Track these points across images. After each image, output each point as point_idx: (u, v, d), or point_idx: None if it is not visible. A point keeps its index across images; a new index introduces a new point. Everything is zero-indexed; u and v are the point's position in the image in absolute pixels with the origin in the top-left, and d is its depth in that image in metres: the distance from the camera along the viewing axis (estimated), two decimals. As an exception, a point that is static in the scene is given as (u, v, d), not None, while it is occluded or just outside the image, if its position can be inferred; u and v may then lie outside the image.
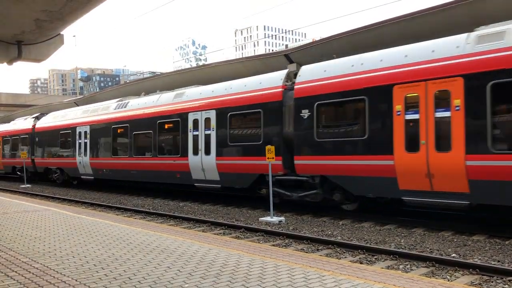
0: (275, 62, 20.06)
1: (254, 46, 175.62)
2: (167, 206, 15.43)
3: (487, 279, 6.54)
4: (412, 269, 7.17)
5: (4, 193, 20.14)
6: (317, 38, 27.01)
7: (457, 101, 9.22)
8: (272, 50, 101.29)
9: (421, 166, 9.65)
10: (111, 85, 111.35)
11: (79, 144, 22.12)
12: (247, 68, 21.28)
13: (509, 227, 9.78)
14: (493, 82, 8.76)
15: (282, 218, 11.74)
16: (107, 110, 20.76)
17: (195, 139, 15.38)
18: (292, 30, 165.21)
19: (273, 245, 9.03)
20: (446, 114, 9.38)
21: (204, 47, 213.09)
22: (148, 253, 6.67)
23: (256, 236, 10.08)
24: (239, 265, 5.94)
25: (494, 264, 7.08)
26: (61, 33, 11.21)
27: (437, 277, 6.71)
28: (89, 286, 5.00)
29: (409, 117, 9.91)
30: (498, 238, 9.00)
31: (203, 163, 14.98)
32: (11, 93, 54.33)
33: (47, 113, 28.25)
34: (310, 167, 11.93)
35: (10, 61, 11.52)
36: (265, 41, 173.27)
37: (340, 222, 11.40)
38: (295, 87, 12.42)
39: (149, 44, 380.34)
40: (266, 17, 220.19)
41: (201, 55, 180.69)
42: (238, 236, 10.13)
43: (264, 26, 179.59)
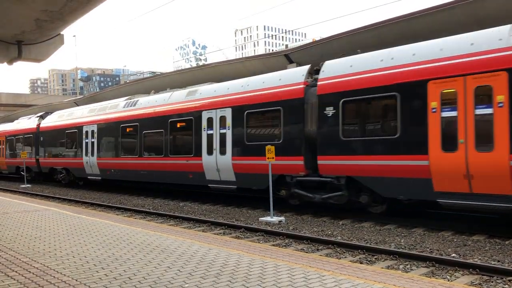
0: (275, 62, 20.10)
1: (254, 46, 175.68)
2: (167, 206, 15.44)
3: (487, 279, 6.55)
4: (412, 269, 7.18)
5: (4, 193, 20.14)
6: (317, 38, 26.98)
7: (501, 97, 8.61)
8: (272, 50, 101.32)
9: (459, 167, 9.09)
10: (111, 85, 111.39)
11: (86, 144, 21.56)
12: (247, 68, 21.31)
13: (509, 227, 9.78)
14: None
15: (282, 218, 11.74)
16: (116, 109, 20.18)
17: (210, 138, 14.93)
18: (292, 30, 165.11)
19: (273, 245, 9.03)
20: (488, 111, 8.79)
21: (204, 47, 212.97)
22: (148, 253, 6.68)
23: (256, 236, 10.09)
24: (239, 265, 5.95)
25: (494, 264, 7.09)
26: (61, 33, 11.24)
27: (437, 277, 6.71)
28: (89, 286, 5.01)
29: (446, 115, 9.34)
30: (498, 238, 9.00)
31: (218, 163, 14.55)
32: (11, 93, 54.34)
33: (52, 112, 27.77)
34: (335, 168, 11.43)
35: (10, 61, 11.54)
36: (265, 41, 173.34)
37: (340, 222, 11.41)
38: (318, 84, 11.84)
39: (149, 44, 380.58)
40: (266, 17, 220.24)
41: (201, 55, 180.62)
42: (238, 236, 10.14)
43: (264, 26, 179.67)
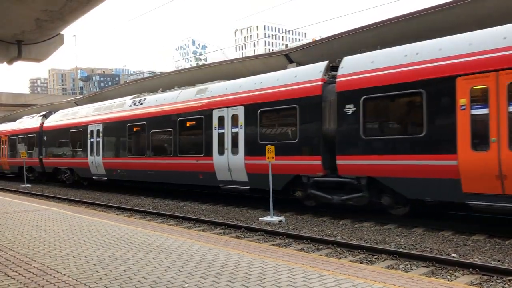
0: (275, 62, 20.11)
1: (254, 46, 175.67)
2: (167, 206, 15.44)
3: (487, 279, 6.55)
4: (412, 269, 7.17)
5: (4, 193, 20.13)
6: (317, 38, 26.98)
7: None
8: (272, 50, 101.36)
9: (491, 167, 8.63)
10: (111, 85, 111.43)
11: (91, 143, 21.07)
12: (247, 68, 21.32)
13: (509, 227, 9.78)
14: None
15: (282, 218, 11.74)
16: (122, 107, 19.71)
17: (221, 138, 14.50)
18: (292, 30, 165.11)
19: (273, 245, 9.03)
20: None
21: (204, 47, 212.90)
22: (148, 253, 6.68)
23: (256, 236, 10.08)
24: (239, 265, 5.94)
25: (494, 264, 7.08)
26: (61, 33, 11.23)
27: (437, 277, 6.71)
28: (89, 286, 5.01)
29: (476, 112, 8.86)
30: (498, 238, 8.99)
31: (230, 163, 14.14)
32: (11, 93, 54.32)
33: (56, 111, 27.40)
34: (356, 168, 10.95)
35: (10, 61, 11.54)
36: (265, 41, 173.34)
37: (340, 222, 11.40)
38: (337, 80, 11.37)
39: (149, 44, 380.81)
40: (266, 17, 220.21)
41: (201, 55, 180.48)
42: (238, 236, 10.14)
43: (264, 26, 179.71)
